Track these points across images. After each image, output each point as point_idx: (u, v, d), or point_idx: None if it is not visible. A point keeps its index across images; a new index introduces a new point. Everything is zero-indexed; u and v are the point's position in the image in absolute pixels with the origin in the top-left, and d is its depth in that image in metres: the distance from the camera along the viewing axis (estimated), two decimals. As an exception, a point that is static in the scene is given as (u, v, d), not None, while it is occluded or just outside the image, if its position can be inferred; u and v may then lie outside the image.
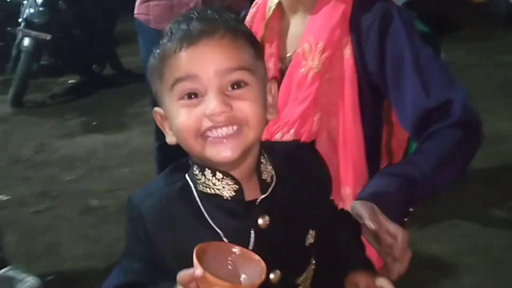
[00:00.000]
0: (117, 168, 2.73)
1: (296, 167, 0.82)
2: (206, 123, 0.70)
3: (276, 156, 0.80)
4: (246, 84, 0.72)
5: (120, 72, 4.18)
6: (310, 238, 0.80)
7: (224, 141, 0.71)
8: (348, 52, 1.03)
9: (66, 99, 3.87)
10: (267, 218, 0.76)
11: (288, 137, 1.03)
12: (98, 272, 1.91)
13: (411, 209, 1.03)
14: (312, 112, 1.03)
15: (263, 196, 0.76)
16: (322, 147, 1.06)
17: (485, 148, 1.06)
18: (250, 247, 0.74)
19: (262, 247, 0.74)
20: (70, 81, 4.11)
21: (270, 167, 0.78)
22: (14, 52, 3.75)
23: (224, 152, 0.71)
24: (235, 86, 0.71)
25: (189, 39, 0.71)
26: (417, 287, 1.68)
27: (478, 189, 2.35)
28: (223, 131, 0.71)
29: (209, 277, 0.63)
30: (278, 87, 0.92)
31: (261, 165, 0.76)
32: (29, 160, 2.91)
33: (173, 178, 0.77)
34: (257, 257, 0.68)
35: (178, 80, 0.71)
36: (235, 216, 0.75)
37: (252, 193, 0.76)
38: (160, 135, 2.00)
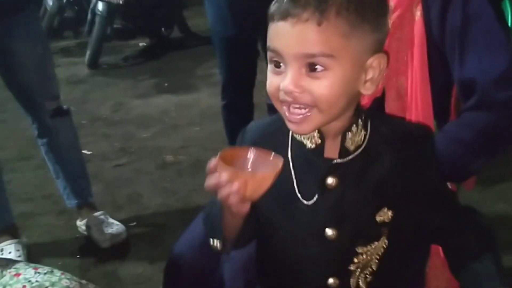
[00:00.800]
0: (189, 127, 2.87)
1: (400, 149, 0.81)
2: (282, 96, 0.75)
3: (389, 131, 0.82)
4: (325, 68, 0.72)
5: (187, 35, 4.29)
6: (383, 216, 0.81)
7: (294, 119, 0.75)
8: (418, 13, 1.04)
9: (138, 61, 4.04)
10: (335, 180, 0.80)
11: None
12: (175, 220, 2.06)
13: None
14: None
15: (339, 161, 0.80)
16: (391, 104, 1.11)
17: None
18: (313, 201, 0.80)
19: (324, 204, 0.80)
20: (141, 44, 4.27)
21: (360, 137, 0.80)
22: (89, 16, 3.93)
23: (294, 127, 0.77)
24: (314, 69, 0.72)
25: (280, 14, 0.72)
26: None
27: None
28: (294, 109, 0.74)
29: (228, 168, 0.71)
30: None
31: (349, 132, 0.79)
32: (107, 118, 3.10)
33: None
34: (273, 153, 0.75)
35: (268, 48, 0.76)
36: (310, 167, 0.81)
37: (334, 153, 0.80)
38: (225, 95, 2.10)
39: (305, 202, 0.81)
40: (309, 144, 0.80)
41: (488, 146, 1.02)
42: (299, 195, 0.81)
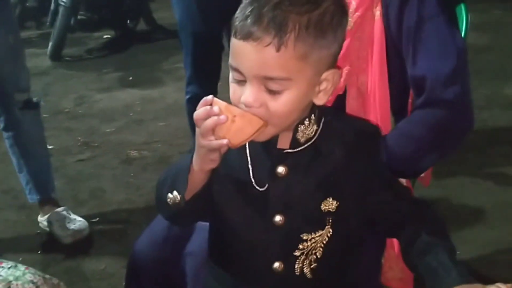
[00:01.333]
0: (154, 122, 2.85)
1: (349, 144, 0.85)
2: (242, 106, 0.78)
3: (340, 127, 0.87)
4: (282, 88, 0.76)
5: (153, 28, 4.25)
6: (329, 206, 0.86)
7: None
8: (378, 13, 1.08)
9: (102, 54, 3.98)
10: (285, 169, 0.84)
11: None
12: (139, 216, 2.06)
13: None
14: (341, 66, 1.10)
15: (290, 150, 0.85)
16: (351, 102, 1.15)
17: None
18: (264, 188, 0.85)
19: (275, 192, 0.85)
20: (105, 36, 4.21)
21: (311, 131, 0.84)
22: (52, 6, 3.84)
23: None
24: (272, 89, 0.76)
25: (243, 33, 0.75)
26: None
27: (502, 150, 2.41)
28: None
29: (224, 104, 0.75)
30: None
31: (301, 125, 0.83)
32: (70, 112, 3.05)
33: None
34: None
35: (230, 65, 0.79)
36: (264, 156, 0.85)
37: (286, 144, 0.85)
38: (189, 88, 2.11)
39: (258, 188, 0.85)
40: None
41: (438, 142, 1.06)
42: (253, 180, 0.85)
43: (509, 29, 3.66)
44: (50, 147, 2.57)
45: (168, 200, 0.83)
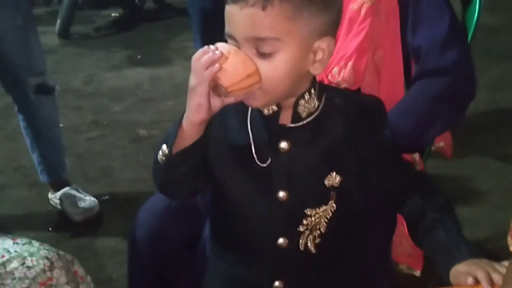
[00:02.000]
0: (162, 101, 2.85)
1: (352, 119, 0.86)
2: None
3: (342, 102, 0.86)
4: (273, 51, 0.76)
5: (161, 6, 4.21)
6: (332, 181, 0.86)
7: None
8: None
9: (111, 32, 3.95)
10: (288, 144, 0.84)
11: (347, 71, 1.10)
12: (148, 194, 2.02)
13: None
14: (367, 45, 1.10)
15: (292, 125, 0.85)
16: (368, 78, 1.14)
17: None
18: (267, 163, 0.85)
19: (278, 167, 0.85)
20: (113, 14, 4.18)
21: (313, 105, 0.84)
22: (60, -17, 3.82)
23: (245, 101, 0.80)
24: (263, 51, 0.76)
25: None
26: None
27: (514, 132, 2.39)
28: None
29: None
30: None
31: (302, 100, 0.83)
32: (79, 90, 3.05)
33: None
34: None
35: (225, 33, 0.80)
36: (266, 131, 0.85)
37: (288, 120, 0.85)
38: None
39: (260, 164, 0.85)
40: (265, 111, 0.85)
41: (440, 113, 1.07)
42: (255, 156, 0.85)
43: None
44: (60, 125, 2.58)
45: (159, 157, 0.82)
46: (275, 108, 0.84)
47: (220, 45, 0.76)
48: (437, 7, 1.06)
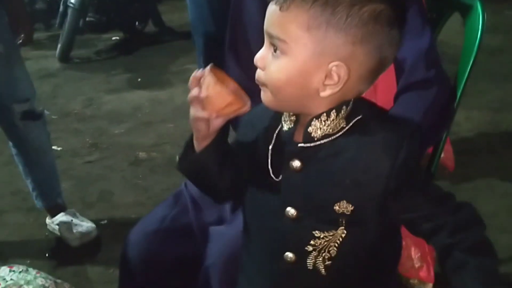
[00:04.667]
0: (162, 124, 2.84)
1: (379, 147, 0.79)
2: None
3: (377, 127, 0.80)
4: (282, 52, 0.77)
5: (162, 30, 4.24)
6: (343, 208, 0.81)
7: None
8: None
9: (111, 56, 3.98)
10: (299, 164, 0.82)
11: None
12: (148, 219, 2.04)
13: None
14: None
15: (303, 145, 0.82)
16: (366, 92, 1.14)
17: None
18: (278, 179, 0.85)
19: (288, 184, 0.84)
20: (114, 38, 4.21)
21: (332, 127, 0.80)
22: (61, 8, 3.84)
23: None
24: (275, 49, 0.78)
25: None
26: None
27: (517, 153, 2.37)
28: None
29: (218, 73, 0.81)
30: None
31: (316, 120, 0.80)
32: (79, 113, 3.05)
33: None
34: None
35: None
36: (282, 147, 0.85)
37: (301, 138, 0.84)
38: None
39: (274, 178, 0.85)
40: (285, 126, 0.85)
41: (432, 124, 1.05)
42: (270, 170, 0.85)
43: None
44: (58, 148, 2.58)
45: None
46: (292, 124, 0.84)
47: (206, 77, 0.82)
48: (421, 18, 1.07)
